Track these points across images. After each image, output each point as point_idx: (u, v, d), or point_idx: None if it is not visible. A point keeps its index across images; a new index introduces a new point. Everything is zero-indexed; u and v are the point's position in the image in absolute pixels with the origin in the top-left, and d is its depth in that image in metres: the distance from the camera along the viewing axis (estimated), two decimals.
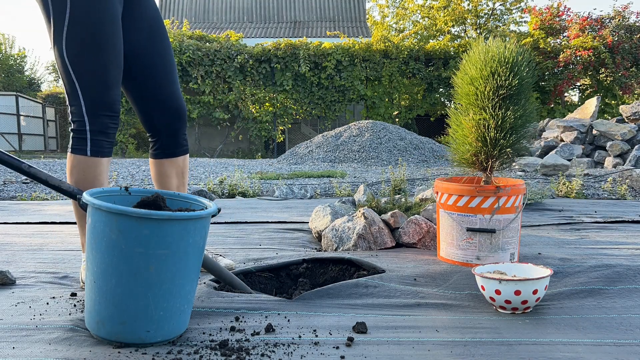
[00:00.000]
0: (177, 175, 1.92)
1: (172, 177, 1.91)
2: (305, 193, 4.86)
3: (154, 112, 1.83)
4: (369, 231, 2.27)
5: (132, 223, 1.19)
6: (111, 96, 1.62)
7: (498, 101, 1.91)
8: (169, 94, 1.83)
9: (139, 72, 1.78)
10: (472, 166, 2.04)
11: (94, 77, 1.58)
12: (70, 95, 1.61)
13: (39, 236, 2.67)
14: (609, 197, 4.52)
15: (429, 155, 9.40)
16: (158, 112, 1.83)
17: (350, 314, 1.49)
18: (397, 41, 15.02)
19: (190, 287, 1.32)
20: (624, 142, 7.22)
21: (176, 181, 1.92)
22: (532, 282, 1.46)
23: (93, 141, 1.62)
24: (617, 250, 2.26)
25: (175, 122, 1.86)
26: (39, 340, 1.27)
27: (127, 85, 1.81)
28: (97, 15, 1.57)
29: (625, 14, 14.46)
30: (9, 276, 1.76)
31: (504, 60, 1.91)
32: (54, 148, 18.73)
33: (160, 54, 1.80)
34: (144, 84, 1.79)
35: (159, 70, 1.80)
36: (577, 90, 15.77)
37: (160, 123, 1.85)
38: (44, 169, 7.74)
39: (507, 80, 1.89)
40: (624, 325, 1.40)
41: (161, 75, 1.80)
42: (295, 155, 9.79)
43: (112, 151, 1.72)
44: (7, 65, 21.77)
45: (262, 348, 1.24)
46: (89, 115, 1.60)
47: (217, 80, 13.89)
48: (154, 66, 1.79)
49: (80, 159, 1.62)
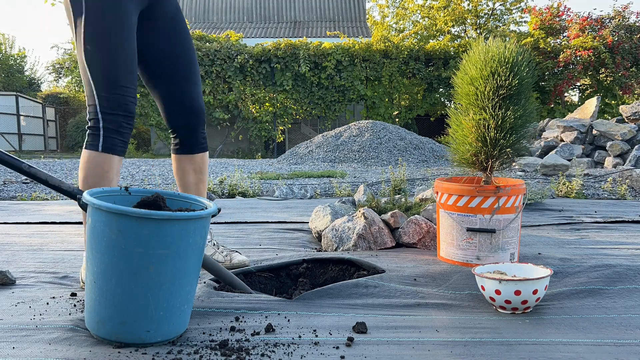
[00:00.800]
0: (195, 172, 2.00)
1: (189, 173, 2.00)
2: (305, 193, 4.86)
3: (172, 111, 1.92)
4: (369, 231, 2.27)
5: (132, 223, 1.19)
6: (124, 97, 1.68)
7: (498, 101, 1.91)
8: (188, 93, 1.92)
9: (159, 74, 1.88)
10: (472, 166, 2.04)
11: (107, 78, 1.65)
12: (88, 95, 1.70)
13: (38, 236, 2.67)
14: (609, 197, 4.52)
15: (429, 155, 9.40)
16: (176, 111, 1.92)
17: (350, 314, 1.49)
18: (397, 41, 15.03)
19: (190, 287, 1.32)
20: (624, 142, 7.22)
21: (194, 177, 2.01)
22: (532, 282, 1.46)
23: (106, 138, 1.68)
24: (617, 250, 2.26)
25: (193, 121, 1.95)
26: (39, 340, 1.27)
27: (148, 84, 1.92)
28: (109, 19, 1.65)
29: (625, 14, 14.47)
30: (9, 276, 1.76)
31: (504, 60, 1.91)
32: (54, 148, 18.73)
33: (180, 55, 1.89)
34: (164, 84, 1.89)
35: (179, 71, 1.89)
36: (577, 90, 15.78)
37: (179, 121, 1.94)
38: (44, 169, 7.75)
39: (507, 80, 1.89)
40: (624, 325, 1.40)
41: (180, 76, 1.90)
42: (295, 155, 9.79)
43: (125, 151, 1.77)
44: (7, 65, 21.77)
45: (262, 348, 1.24)
46: (103, 114, 1.67)
47: (217, 80, 13.89)
48: (174, 68, 1.88)
49: (91, 155, 1.69)
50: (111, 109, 1.67)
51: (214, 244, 2.02)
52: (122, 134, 1.71)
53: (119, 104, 1.68)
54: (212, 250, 2.00)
